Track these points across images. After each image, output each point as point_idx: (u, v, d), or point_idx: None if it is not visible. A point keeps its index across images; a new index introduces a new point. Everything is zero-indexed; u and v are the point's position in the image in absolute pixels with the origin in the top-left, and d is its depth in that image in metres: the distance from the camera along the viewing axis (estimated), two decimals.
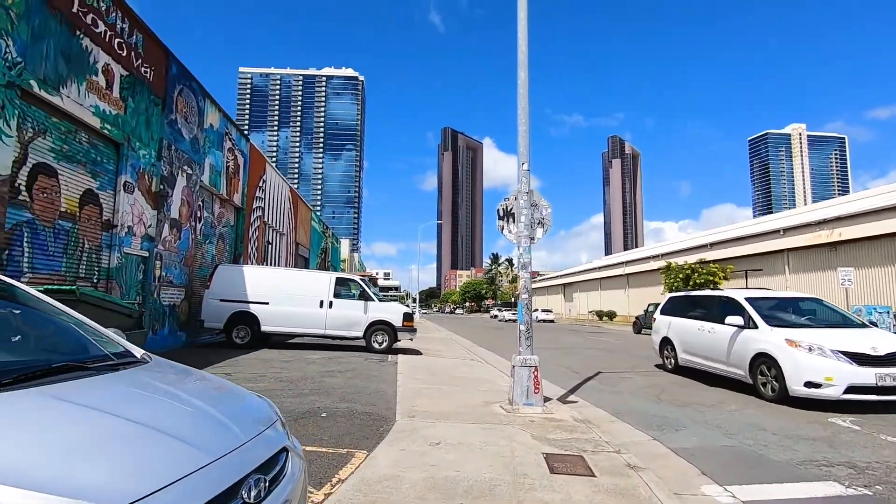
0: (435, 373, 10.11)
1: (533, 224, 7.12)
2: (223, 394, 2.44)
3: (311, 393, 7.15)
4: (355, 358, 11.81)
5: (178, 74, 12.26)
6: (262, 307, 12.92)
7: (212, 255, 15.24)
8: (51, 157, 8.24)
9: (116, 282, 9.90)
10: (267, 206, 20.26)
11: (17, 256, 7.55)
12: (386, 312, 13.40)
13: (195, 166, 13.30)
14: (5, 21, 6.94)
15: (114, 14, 9.59)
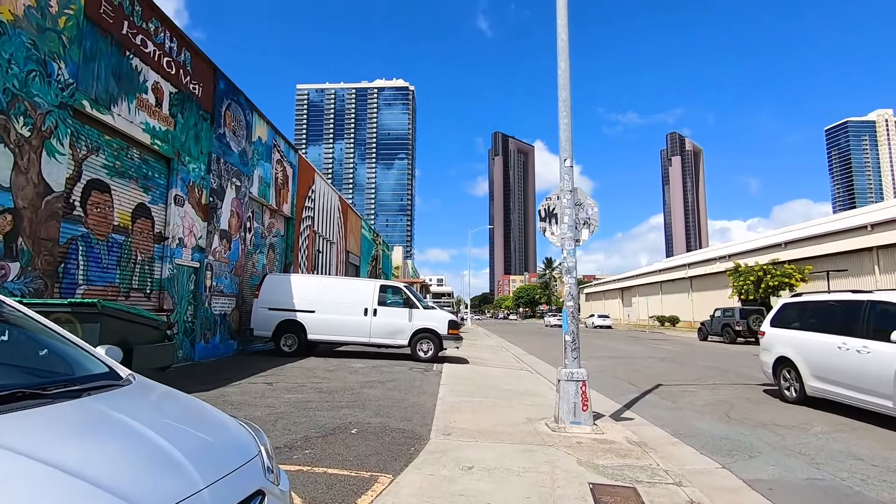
0: (479, 384, 9.65)
1: (577, 225, 6.55)
2: (197, 425, 2.15)
3: (347, 405, 6.91)
4: (399, 367, 11.56)
5: (226, 90, 12.63)
6: (308, 315, 12.99)
7: (262, 264, 15.60)
8: (104, 174, 8.59)
9: (168, 292, 10.21)
10: (316, 215, 20.62)
11: (72, 269, 7.88)
12: (431, 320, 13.10)
13: (244, 178, 13.64)
14: (57, 45, 7.27)
15: (162, 34, 9.94)
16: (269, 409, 6.45)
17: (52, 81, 7.16)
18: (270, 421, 5.80)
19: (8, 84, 6.46)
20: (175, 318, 10.44)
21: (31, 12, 6.81)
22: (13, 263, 6.56)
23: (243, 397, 7.26)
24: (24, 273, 6.71)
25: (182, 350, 10.74)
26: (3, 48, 6.39)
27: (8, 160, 6.47)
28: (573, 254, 6.40)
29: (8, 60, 6.46)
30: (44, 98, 7.02)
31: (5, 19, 6.42)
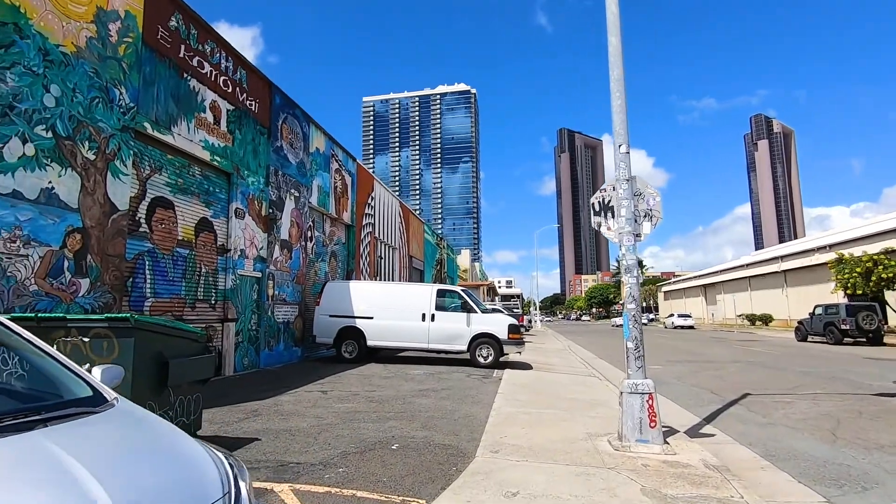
0: (540, 392, 9.05)
1: (637, 217, 5.84)
2: (154, 462, 1.89)
3: (395, 417, 6.65)
4: (458, 374, 11.21)
5: (282, 104, 13.00)
6: (367, 322, 13.01)
7: (324, 272, 15.92)
8: (167, 191, 9.02)
9: (232, 302, 10.59)
10: (376, 221, 20.86)
11: (140, 283, 8.31)
12: (490, 324, 12.64)
13: (303, 189, 13.98)
14: (118, 72, 7.70)
15: (218, 54, 10.36)
16: (316, 420, 6.33)
17: (113, 106, 7.58)
18: (314, 433, 5.66)
19: (73, 111, 6.89)
20: (239, 328, 10.81)
21: (93, 43, 7.25)
22: (83, 280, 6.98)
23: (295, 406, 7.23)
24: (93, 288, 7.12)
25: (247, 357, 11.10)
26: (68, 78, 6.83)
27: (76, 183, 6.89)
28: (633, 250, 5.70)
29: (72, 89, 6.90)
30: (107, 122, 7.44)
31: (69, 51, 6.86)
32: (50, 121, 6.55)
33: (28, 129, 6.25)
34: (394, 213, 23.77)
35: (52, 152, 6.55)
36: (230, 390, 8.54)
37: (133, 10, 8.05)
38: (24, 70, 6.22)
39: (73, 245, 6.82)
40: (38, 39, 6.43)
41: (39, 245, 6.35)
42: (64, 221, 6.70)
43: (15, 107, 6.11)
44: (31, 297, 6.22)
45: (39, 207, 6.37)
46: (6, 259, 5.94)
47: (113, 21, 7.62)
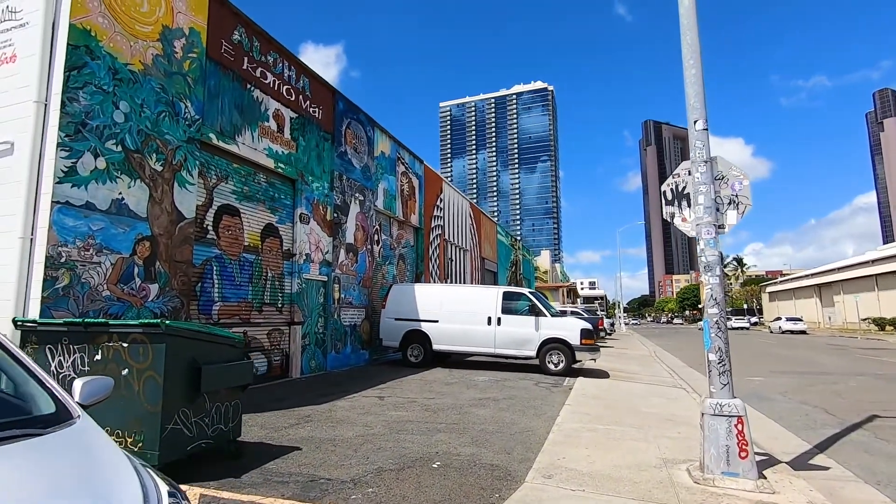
0: (613, 405, 8.17)
1: (719, 205, 4.93)
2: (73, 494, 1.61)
3: (445, 428, 6.22)
4: (524, 382, 10.55)
5: (346, 109, 13.15)
6: (432, 325, 12.75)
7: (392, 275, 15.94)
8: (233, 199, 9.35)
9: (298, 305, 10.79)
10: (446, 223, 20.65)
11: (208, 288, 8.64)
12: (560, 329, 11.82)
13: (368, 192, 14.06)
14: (183, 86, 8.06)
15: (281, 65, 10.63)
16: (363, 430, 6.08)
17: (179, 119, 7.94)
18: (356, 445, 5.39)
19: (141, 126, 7.27)
20: (305, 331, 10.99)
21: (159, 60, 7.63)
22: (153, 285, 7.33)
23: (348, 413, 7.06)
24: (162, 293, 7.47)
25: (314, 360, 11.26)
26: (136, 94, 7.22)
27: (144, 193, 7.26)
28: (714, 244, 4.80)
29: (140, 105, 7.28)
30: (173, 135, 7.80)
31: (137, 69, 7.26)
32: (119, 135, 6.94)
33: (99, 144, 6.65)
34: (464, 215, 23.46)
35: (121, 165, 6.94)
36: (291, 394, 8.61)
37: (197, 27, 8.41)
38: (95, 89, 6.63)
39: (142, 252, 7.18)
40: (108, 59, 6.84)
41: (111, 253, 6.73)
42: (133, 230, 7.07)
43: (87, 123, 6.52)
44: (104, 302, 6.60)
45: (110, 217, 6.75)
46: (80, 266, 6.33)
47: (178, 38, 7.99)
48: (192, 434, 4.35)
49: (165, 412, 4.11)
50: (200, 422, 4.45)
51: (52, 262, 6.02)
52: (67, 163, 6.27)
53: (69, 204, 6.25)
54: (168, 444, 4.12)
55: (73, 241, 6.27)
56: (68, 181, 6.26)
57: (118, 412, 4.22)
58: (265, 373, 9.80)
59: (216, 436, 4.62)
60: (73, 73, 6.38)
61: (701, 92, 5.03)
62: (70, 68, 6.35)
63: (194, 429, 4.38)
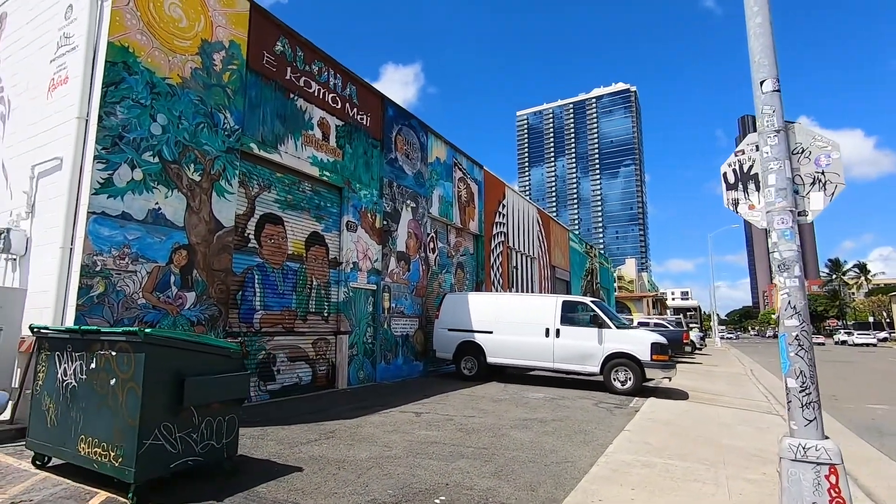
0: (685, 433, 6.95)
1: (798, 186, 3.83)
2: None
3: (471, 454, 5.51)
4: (584, 401, 9.47)
5: (396, 115, 12.96)
6: (486, 336, 12.03)
7: (450, 284, 15.43)
8: (276, 207, 9.37)
9: (345, 314, 10.60)
10: (509, 230, 19.82)
11: (249, 296, 8.66)
12: (627, 342, 10.56)
13: (421, 199, 13.72)
14: (223, 97, 8.19)
15: (326, 73, 10.63)
16: (381, 451, 5.55)
17: (218, 130, 8.06)
18: (362, 469, 4.86)
19: (179, 137, 7.43)
20: (353, 340, 10.77)
21: (198, 73, 7.80)
22: (189, 293, 7.40)
23: (375, 430, 6.58)
24: (199, 301, 7.52)
25: (363, 371, 11.00)
26: (174, 107, 7.40)
27: (182, 203, 7.39)
28: (791, 236, 3.71)
29: (178, 117, 7.45)
30: (211, 145, 7.92)
31: (175, 83, 7.44)
32: (157, 147, 7.12)
33: (136, 156, 6.84)
34: (530, 221, 22.45)
35: (158, 175, 7.10)
36: (329, 405, 8.33)
37: (237, 40, 8.55)
38: (132, 103, 6.85)
39: (179, 261, 7.28)
40: (146, 74, 7.06)
41: (147, 261, 6.87)
42: (170, 239, 7.19)
43: (124, 136, 6.72)
44: (139, 310, 6.72)
45: (147, 227, 6.90)
46: (115, 275, 6.49)
47: (217, 51, 8.15)
48: (176, 450, 4.07)
49: (144, 426, 3.86)
50: (187, 437, 4.16)
51: (87, 271, 6.20)
52: (104, 174, 6.48)
53: (105, 214, 6.44)
54: (146, 460, 3.85)
55: (108, 250, 6.43)
56: (104, 192, 6.46)
57: (107, 424, 4.06)
58: (309, 383, 9.66)
59: (206, 452, 4.31)
60: (110, 88, 6.61)
61: (769, 45, 3.98)
62: (108, 84, 6.59)
63: (179, 445, 4.10)
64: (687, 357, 24.21)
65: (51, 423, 4.51)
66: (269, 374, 8.83)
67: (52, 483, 4.31)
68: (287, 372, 9.22)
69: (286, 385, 9.15)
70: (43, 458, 4.64)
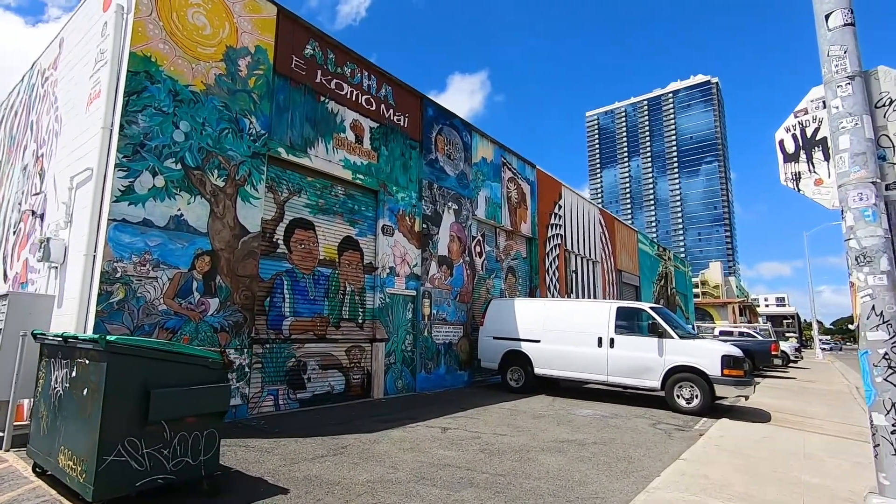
0: (755, 467, 5.76)
1: (889, 146, 2.83)
2: None
3: (483, 483, 4.81)
4: (639, 421, 8.38)
5: (436, 115, 12.53)
6: (533, 346, 11.16)
7: (499, 289, 14.68)
8: (307, 212, 9.23)
9: (381, 321, 10.25)
10: (567, 232, 18.68)
11: (278, 303, 8.53)
12: (692, 354, 9.28)
13: (465, 201, 13.16)
14: (248, 103, 8.16)
15: (359, 75, 10.43)
16: (383, 472, 5.01)
17: (243, 135, 8.02)
18: (351, 496, 4.35)
19: (202, 144, 7.45)
20: (391, 348, 10.38)
21: (222, 79, 7.81)
22: (212, 299, 7.35)
23: (390, 447, 6.07)
24: (223, 307, 7.45)
25: (401, 380, 10.57)
26: (197, 114, 7.43)
27: (205, 209, 7.37)
28: (875, 217, 2.72)
29: (202, 124, 7.47)
30: (236, 151, 7.88)
31: (198, 90, 7.48)
32: (179, 154, 7.15)
33: (158, 163, 6.89)
34: (591, 222, 21.10)
35: (181, 182, 7.12)
36: (357, 416, 7.95)
37: (264, 45, 8.53)
38: (154, 111, 6.93)
39: (201, 267, 7.25)
40: (169, 83, 7.13)
41: (168, 268, 6.87)
42: (193, 245, 7.18)
43: (146, 144, 6.80)
44: (160, 316, 6.72)
45: (168, 233, 6.92)
46: (136, 281, 6.53)
47: (242, 57, 8.15)
48: (143, 468, 3.79)
49: (105, 441, 3.61)
50: (156, 454, 3.88)
51: (107, 278, 6.27)
52: (125, 182, 6.55)
53: (125, 221, 6.50)
54: (107, 477, 3.60)
55: (128, 256, 6.49)
56: (125, 199, 6.53)
57: (80, 436, 3.87)
58: (342, 391, 9.37)
59: (180, 470, 4.01)
60: (132, 97, 6.71)
61: None
62: (129, 93, 6.70)
63: (147, 462, 3.82)
64: (778, 371, 21.53)
65: (43, 430, 4.44)
66: (298, 382, 8.63)
67: (37, 494, 4.21)
68: (318, 380, 8.98)
69: (317, 394, 8.91)
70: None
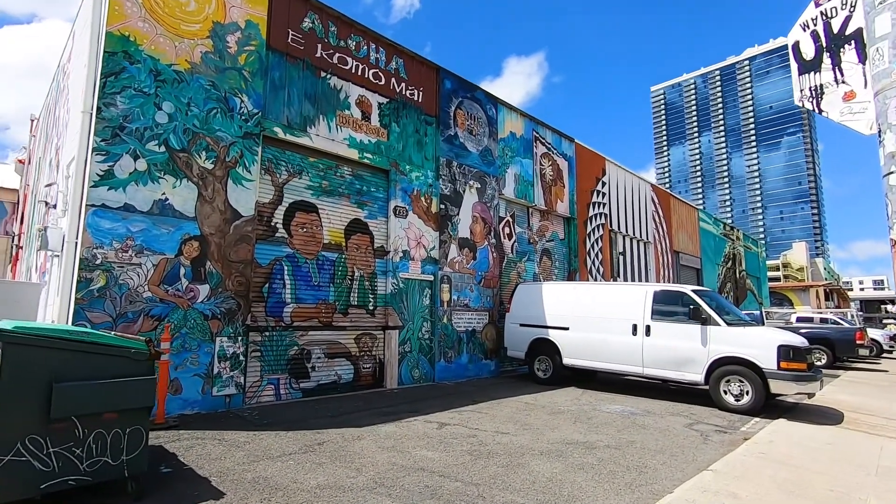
0: (803, 483, 4.65)
1: None
2: None
3: (447, 495, 4.12)
4: (673, 420, 7.30)
5: (455, 88, 11.71)
6: (561, 333, 10.22)
7: (532, 273, 13.73)
8: (309, 194, 8.81)
9: (394, 307, 9.72)
10: (612, 210, 17.24)
11: (277, 289, 8.20)
12: (742, 344, 8.00)
13: (489, 179, 12.29)
14: (238, 81, 7.79)
15: (365, 47, 9.83)
16: (340, 477, 4.45)
17: (234, 115, 7.68)
18: None
19: (188, 125, 7.17)
20: (405, 336, 9.85)
21: (209, 57, 7.48)
22: (202, 286, 7.10)
23: (371, 444, 5.52)
24: (213, 294, 7.20)
25: (418, 369, 10.02)
26: (182, 94, 7.14)
27: (192, 192, 7.11)
28: None
29: (187, 104, 7.19)
30: (226, 131, 7.56)
31: (182, 69, 7.19)
32: (162, 136, 6.90)
33: (140, 146, 6.67)
34: (641, 200, 19.42)
35: (165, 165, 6.88)
36: (356, 409, 7.48)
37: (255, 19, 8.11)
38: (134, 92, 6.70)
39: (189, 252, 7.00)
40: (149, 62, 6.88)
41: (153, 254, 6.67)
42: (179, 230, 6.94)
43: (126, 127, 6.59)
44: (145, 304, 6.54)
45: (153, 218, 6.71)
46: (118, 268, 6.37)
47: (231, 33, 7.78)
48: (49, 468, 3.45)
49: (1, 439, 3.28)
50: (66, 453, 3.52)
51: (86, 265, 6.13)
52: (104, 167, 6.37)
53: (105, 206, 6.33)
54: (4, 479, 3.27)
55: (109, 242, 6.32)
56: (105, 184, 6.36)
57: None
58: (351, 381, 8.96)
59: (97, 471, 3.64)
60: (109, 79, 6.50)
61: None
62: (107, 75, 6.49)
63: (54, 462, 3.47)
64: (868, 362, 18.94)
65: None
66: (301, 372, 8.30)
67: None
68: (324, 369, 8.62)
69: (323, 383, 8.55)
70: None
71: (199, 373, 6.92)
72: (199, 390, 6.90)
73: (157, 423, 6.08)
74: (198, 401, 6.86)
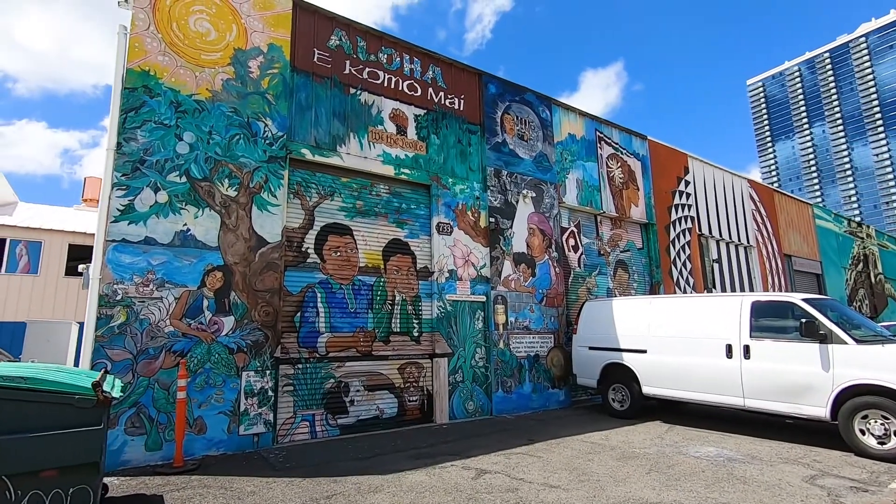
0: None
1: None
2: None
3: None
4: (787, 469, 5.59)
5: (500, 92, 10.86)
6: (638, 357, 8.69)
7: (606, 288, 12.19)
8: (341, 216, 8.35)
9: (442, 333, 8.87)
10: (699, 213, 15.12)
11: (310, 318, 7.72)
12: (882, 368, 6.07)
13: (547, 187, 11.15)
14: (262, 105, 7.60)
15: (398, 59, 9.37)
16: None
17: (257, 140, 7.45)
18: None
19: (210, 153, 7.02)
20: (456, 364, 8.91)
21: (230, 84, 7.36)
22: (226, 318, 6.78)
23: (387, 499, 4.65)
24: (239, 326, 6.84)
25: (472, 401, 9.00)
26: (203, 123, 7.03)
27: (214, 221, 6.89)
28: None
29: (208, 133, 7.06)
30: (249, 157, 7.33)
31: (203, 98, 7.10)
32: (184, 166, 6.79)
33: (160, 178, 6.59)
34: (738, 198, 16.93)
35: (186, 195, 6.74)
36: (391, 450, 6.65)
37: (278, 42, 7.95)
38: (154, 125, 6.67)
39: (212, 283, 6.74)
40: (170, 94, 6.85)
41: (174, 286, 6.47)
42: (202, 261, 6.71)
43: (146, 160, 6.54)
44: (167, 339, 6.31)
45: (174, 250, 6.54)
46: (139, 302, 6.21)
47: (253, 58, 7.64)
48: None
49: None
50: None
51: (105, 301, 6.02)
52: (124, 201, 6.33)
53: (126, 241, 6.25)
54: None
55: (129, 277, 6.20)
56: (125, 219, 6.29)
57: None
58: (395, 415, 8.18)
59: None
60: (130, 114, 6.52)
61: None
62: (127, 110, 6.51)
63: None
64: None
65: None
66: (339, 406, 7.67)
67: None
68: (364, 403, 7.93)
69: (363, 418, 7.85)
70: None
71: (225, 410, 6.53)
72: (225, 429, 6.49)
73: (175, 466, 5.72)
74: (223, 440, 6.45)
